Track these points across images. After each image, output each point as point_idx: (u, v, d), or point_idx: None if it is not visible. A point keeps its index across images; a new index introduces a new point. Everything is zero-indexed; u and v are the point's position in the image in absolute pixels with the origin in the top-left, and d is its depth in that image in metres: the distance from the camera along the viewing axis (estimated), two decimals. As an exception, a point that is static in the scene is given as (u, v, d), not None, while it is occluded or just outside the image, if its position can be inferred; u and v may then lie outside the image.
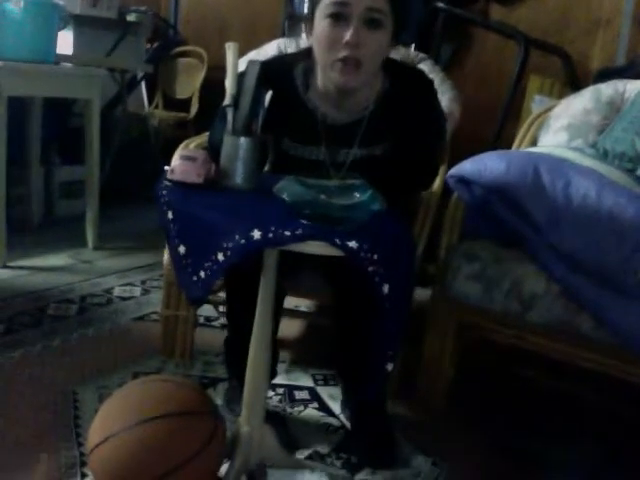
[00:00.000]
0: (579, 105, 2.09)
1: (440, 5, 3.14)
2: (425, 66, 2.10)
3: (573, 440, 1.74)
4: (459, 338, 1.72)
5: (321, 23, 1.41)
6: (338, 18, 1.38)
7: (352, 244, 1.07)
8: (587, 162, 1.76)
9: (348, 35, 1.37)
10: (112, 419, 1.22)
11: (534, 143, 2.11)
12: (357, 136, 1.52)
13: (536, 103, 2.77)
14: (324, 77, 1.49)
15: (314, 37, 1.45)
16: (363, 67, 1.41)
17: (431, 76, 2.02)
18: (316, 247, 1.08)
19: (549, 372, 1.82)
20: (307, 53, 1.51)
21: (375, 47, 1.41)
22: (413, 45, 2.93)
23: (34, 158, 3.20)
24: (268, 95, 1.35)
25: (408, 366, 1.74)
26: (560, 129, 2.05)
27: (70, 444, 1.49)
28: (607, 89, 2.11)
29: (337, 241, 1.06)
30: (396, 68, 1.56)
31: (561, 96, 2.52)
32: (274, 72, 1.48)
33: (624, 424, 1.85)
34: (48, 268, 2.65)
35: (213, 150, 1.38)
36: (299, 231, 1.07)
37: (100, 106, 2.93)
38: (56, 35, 2.74)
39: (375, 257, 1.09)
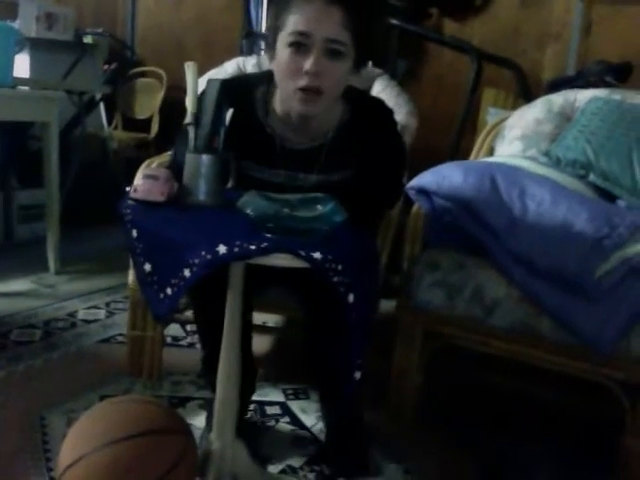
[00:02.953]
0: (531, 116, 2.15)
1: (394, 21, 3.20)
2: (382, 81, 2.14)
3: (542, 440, 1.78)
4: (426, 346, 1.75)
5: (283, 52, 1.43)
6: (299, 47, 1.40)
7: (317, 255, 1.08)
8: (541, 170, 1.82)
9: (308, 64, 1.38)
10: (82, 440, 1.21)
11: (491, 153, 2.16)
12: (316, 162, 1.53)
13: (491, 115, 2.84)
14: (285, 104, 1.50)
15: (276, 64, 1.46)
16: (323, 95, 1.43)
17: (387, 90, 2.07)
18: (281, 259, 1.09)
19: (515, 375, 1.85)
20: (269, 76, 1.52)
21: (335, 76, 1.43)
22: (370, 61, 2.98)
23: (-8, 182, 3.16)
24: (229, 113, 1.37)
25: (377, 375, 1.76)
26: (514, 139, 2.11)
27: (39, 469, 1.47)
28: (558, 99, 2.18)
29: (302, 253, 1.08)
30: (357, 97, 1.58)
31: (514, 107, 2.59)
32: (234, 93, 1.50)
33: (587, 421, 1.89)
34: (10, 293, 2.61)
35: (177, 169, 1.39)
36: (264, 244, 1.08)
37: (58, 128, 2.90)
38: (13, 59, 2.71)
39: (339, 267, 1.11)
